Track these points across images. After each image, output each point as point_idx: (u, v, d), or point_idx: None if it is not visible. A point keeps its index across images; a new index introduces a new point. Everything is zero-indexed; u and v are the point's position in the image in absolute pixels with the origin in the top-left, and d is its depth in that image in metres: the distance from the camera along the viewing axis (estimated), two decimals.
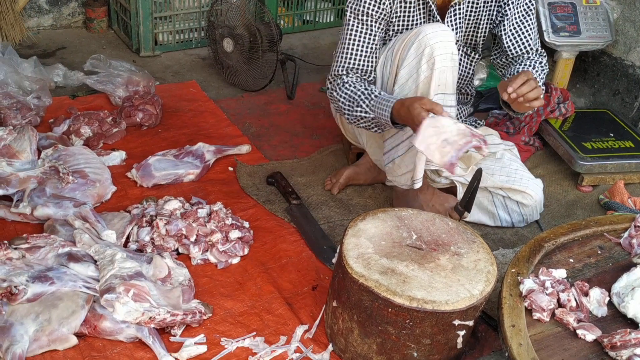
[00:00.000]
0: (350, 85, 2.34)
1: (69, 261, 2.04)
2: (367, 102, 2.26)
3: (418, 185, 2.40)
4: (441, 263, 1.85)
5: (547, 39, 3.26)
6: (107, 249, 2.11)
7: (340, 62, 2.40)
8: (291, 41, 4.19)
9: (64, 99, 3.23)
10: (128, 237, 2.31)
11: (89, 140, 2.87)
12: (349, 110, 2.33)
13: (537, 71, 2.45)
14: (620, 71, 3.46)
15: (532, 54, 2.52)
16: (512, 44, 2.50)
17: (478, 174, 2.16)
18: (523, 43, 2.50)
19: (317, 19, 4.37)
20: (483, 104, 3.48)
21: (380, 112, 2.20)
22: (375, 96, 2.25)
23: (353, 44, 2.38)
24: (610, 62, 3.51)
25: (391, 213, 2.03)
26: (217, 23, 3.55)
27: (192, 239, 2.29)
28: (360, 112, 2.29)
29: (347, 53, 2.39)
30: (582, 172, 2.96)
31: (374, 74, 2.41)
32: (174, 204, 2.40)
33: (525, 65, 2.47)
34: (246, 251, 2.34)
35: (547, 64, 2.52)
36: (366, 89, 2.29)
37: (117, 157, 2.80)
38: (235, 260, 2.31)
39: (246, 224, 2.44)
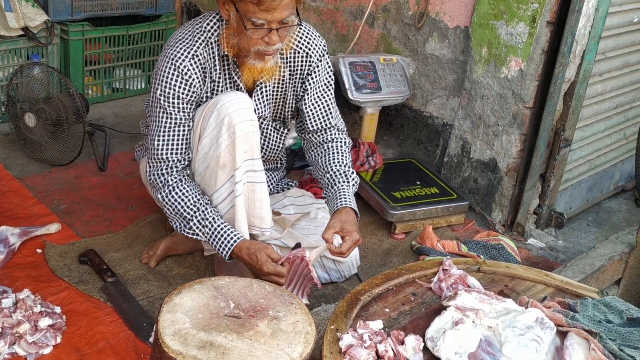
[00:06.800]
0: (178, 193, 2.35)
1: None
2: (200, 225, 2.33)
3: None
4: (260, 329, 1.85)
5: (350, 97, 3.42)
6: None
7: (158, 146, 2.37)
8: (101, 110, 4.08)
9: None
10: None
11: None
12: (179, 224, 2.38)
13: (348, 172, 2.52)
14: (421, 122, 3.70)
15: (334, 132, 2.60)
16: (314, 118, 2.57)
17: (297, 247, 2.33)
18: (323, 117, 2.57)
19: (127, 87, 4.30)
20: (298, 161, 3.56)
21: (217, 245, 2.31)
22: (210, 222, 2.31)
23: (167, 130, 2.35)
24: (411, 114, 3.74)
25: (207, 283, 2.00)
26: (17, 97, 3.39)
27: None
28: (192, 233, 2.36)
29: (163, 138, 2.36)
30: (394, 221, 3.10)
31: (189, 153, 2.41)
32: None
33: (336, 157, 2.55)
34: (59, 339, 2.20)
35: (348, 139, 2.65)
36: (196, 205, 2.33)
37: None
38: (47, 351, 2.15)
39: (58, 309, 2.30)
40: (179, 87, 2.32)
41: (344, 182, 2.46)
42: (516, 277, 2.36)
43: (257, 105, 2.45)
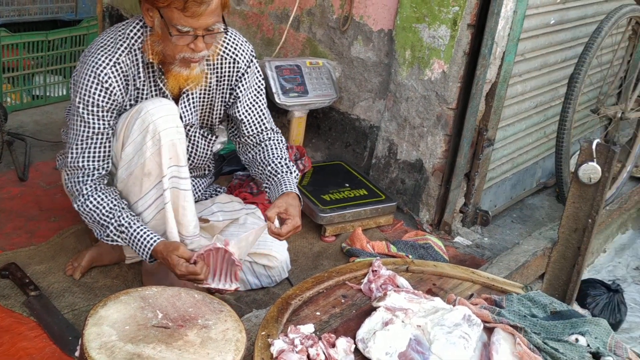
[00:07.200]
0: (92, 202, 2.31)
1: None
2: (117, 232, 2.30)
3: None
4: (190, 339, 1.82)
5: (277, 101, 3.42)
6: None
7: (76, 154, 2.32)
8: (21, 118, 3.95)
9: None
10: None
11: None
12: (97, 232, 2.36)
13: (290, 164, 2.53)
14: (349, 124, 3.72)
15: (270, 133, 2.59)
16: (248, 124, 2.55)
17: None
18: (258, 122, 2.56)
19: (48, 94, 4.17)
20: (226, 166, 3.53)
21: (136, 249, 2.29)
22: (126, 228, 2.28)
23: (85, 139, 2.30)
24: (339, 117, 3.77)
25: (134, 294, 1.96)
26: None
27: None
28: (111, 240, 2.34)
29: (81, 147, 2.31)
30: (324, 224, 3.11)
31: (109, 161, 2.36)
32: None
33: (277, 157, 2.54)
34: None
35: (283, 139, 2.64)
36: (111, 212, 2.29)
37: None
38: None
39: None
40: (99, 95, 2.26)
41: (286, 172, 2.48)
42: (444, 275, 2.40)
43: (184, 112, 2.41)
